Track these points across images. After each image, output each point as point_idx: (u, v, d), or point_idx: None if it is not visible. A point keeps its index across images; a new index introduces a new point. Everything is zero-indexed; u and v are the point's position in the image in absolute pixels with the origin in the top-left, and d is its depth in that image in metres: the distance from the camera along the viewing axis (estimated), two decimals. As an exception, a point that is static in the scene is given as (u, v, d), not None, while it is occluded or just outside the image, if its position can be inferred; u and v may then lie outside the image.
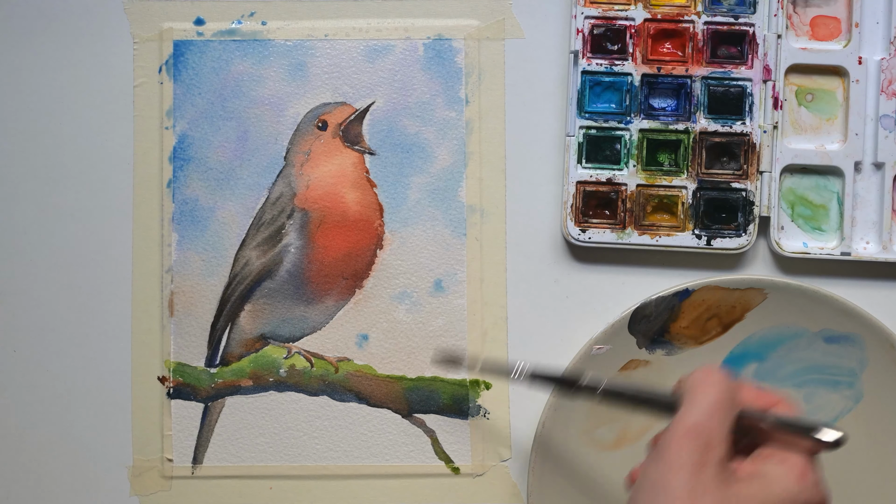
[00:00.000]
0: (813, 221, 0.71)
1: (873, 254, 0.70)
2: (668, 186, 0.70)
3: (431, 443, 0.71)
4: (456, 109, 0.71)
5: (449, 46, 0.71)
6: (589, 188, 0.70)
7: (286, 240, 0.71)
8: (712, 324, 0.69)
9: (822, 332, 0.69)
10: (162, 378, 0.72)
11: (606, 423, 0.70)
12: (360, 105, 0.71)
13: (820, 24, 0.71)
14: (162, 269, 0.72)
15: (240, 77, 0.72)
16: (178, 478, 0.72)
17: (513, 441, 0.71)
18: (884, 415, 0.69)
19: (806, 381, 0.69)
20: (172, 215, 0.72)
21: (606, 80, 0.70)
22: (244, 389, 0.72)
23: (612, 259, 0.71)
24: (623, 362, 0.69)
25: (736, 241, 0.70)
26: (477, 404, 0.71)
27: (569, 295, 0.71)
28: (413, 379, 0.71)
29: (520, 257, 0.71)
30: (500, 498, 0.71)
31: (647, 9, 0.70)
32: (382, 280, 0.71)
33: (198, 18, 0.72)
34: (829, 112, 0.71)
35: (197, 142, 0.72)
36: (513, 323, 0.71)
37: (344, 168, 0.71)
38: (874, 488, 0.69)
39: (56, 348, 0.72)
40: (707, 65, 0.70)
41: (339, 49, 0.72)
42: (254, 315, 0.71)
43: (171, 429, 0.72)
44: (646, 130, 0.70)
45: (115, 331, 0.72)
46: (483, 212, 0.71)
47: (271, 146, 0.72)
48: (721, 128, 0.70)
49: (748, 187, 0.70)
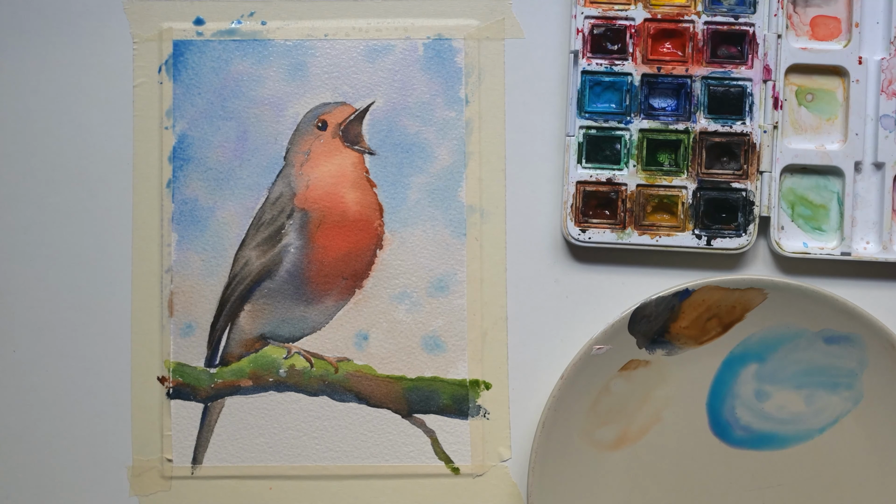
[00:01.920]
0: (813, 221, 0.71)
1: (873, 254, 0.70)
2: (668, 186, 0.70)
3: (431, 443, 0.71)
4: (456, 109, 0.71)
5: (449, 46, 0.71)
6: (589, 188, 0.70)
7: (286, 240, 0.71)
8: (712, 324, 0.69)
9: (823, 333, 0.69)
10: (161, 378, 0.72)
11: (606, 424, 0.70)
12: (360, 105, 0.71)
13: (820, 23, 0.71)
14: (161, 269, 0.72)
15: (239, 77, 0.72)
16: (178, 478, 0.72)
17: (513, 441, 0.71)
18: (884, 415, 0.69)
19: (806, 382, 0.69)
20: (172, 215, 0.72)
21: (606, 80, 0.70)
22: (244, 389, 0.72)
23: (612, 259, 0.71)
24: (623, 362, 0.69)
25: (736, 241, 0.69)
26: (477, 404, 0.71)
27: (569, 295, 0.71)
28: (413, 379, 0.71)
29: (520, 257, 0.71)
30: (500, 498, 0.71)
31: (647, 9, 0.70)
32: (382, 280, 0.71)
33: (197, 18, 0.72)
34: (829, 112, 0.71)
35: (196, 142, 0.72)
36: (513, 323, 0.71)
37: (344, 168, 0.71)
38: (874, 488, 0.69)
39: (56, 348, 0.72)
40: (707, 65, 0.70)
41: (338, 49, 0.72)
42: (253, 315, 0.71)
43: (171, 429, 0.72)
44: (646, 130, 0.70)
45: (114, 331, 0.72)
46: (483, 212, 0.71)
47: (271, 146, 0.72)
48: (721, 128, 0.70)
49: (748, 187, 0.69)
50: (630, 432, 0.70)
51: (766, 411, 0.70)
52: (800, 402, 0.70)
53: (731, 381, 0.70)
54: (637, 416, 0.70)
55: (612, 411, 0.70)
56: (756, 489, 0.70)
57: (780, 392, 0.70)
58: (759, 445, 0.70)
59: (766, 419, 0.70)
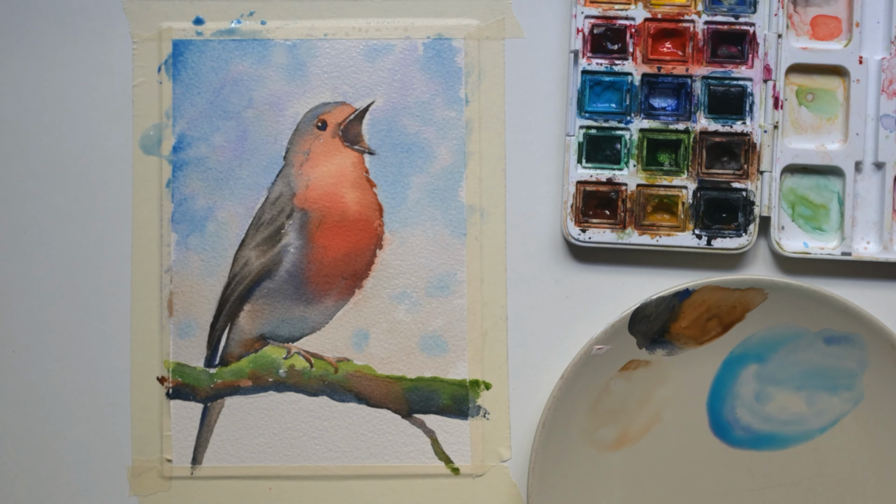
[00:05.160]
0: (813, 221, 0.71)
1: (874, 254, 0.70)
2: (669, 186, 0.70)
3: (431, 443, 0.71)
4: (456, 109, 0.71)
5: (449, 46, 0.71)
6: (589, 188, 0.70)
7: (286, 240, 0.71)
8: (712, 324, 0.69)
9: (823, 333, 0.69)
10: (161, 378, 0.72)
11: (606, 424, 0.70)
12: (360, 105, 0.71)
13: (820, 23, 0.71)
14: (161, 269, 0.72)
15: (239, 77, 0.72)
16: (178, 478, 0.72)
17: (513, 441, 0.71)
18: (884, 415, 0.69)
19: (806, 383, 0.69)
20: (172, 215, 0.72)
21: (606, 80, 0.70)
22: (243, 390, 0.72)
23: (612, 259, 0.71)
24: (623, 362, 0.69)
25: (736, 241, 0.69)
26: (477, 404, 0.71)
27: (569, 295, 0.71)
28: (413, 379, 0.71)
29: (520, 257, 0.71)
30: (500, 498, 0.71)
31: (648, 8, 0.70)
32: (382, 280, 0.71)
33: (197, 18, 0.72)
34: (829, 112, 0.71)
35: (196, 141, 0.72)
36: (513, 323, 0.71)
37: (343, 168, 0.71)
38: (874, 488, 0.69)
39: (55, 348, 0.72)
40: (707, 64, 0.70)
41: (338, 49, 0.72)
42: (253, 315, 0.71)
43: (171, 429, 0.72)
44: (646, 130, 0.70)
45: (114, 331, 0.72)
46: (483, 212, 0.71)
47: (271, 146, 0.72)
48: (721, 128, 0.70)
49: (748, 187, 0.69)
50: (630, 432, 0.70)
51: (766, 412, 0.70)
52: (800, 402, 0.69)
53: (732, 381, 0.70)
54: (637, 416, 0.70)
55: (613, 411, 0.70)
56: (756, 489, 0.70)
57: (781, 393, 0.69)
58: (759, 446, 0.70)
59: (767, 420, 0.70)
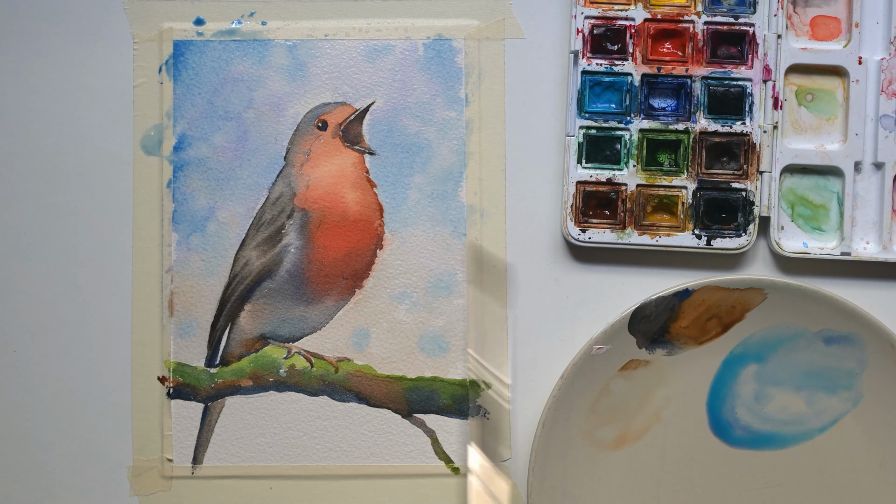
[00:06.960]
0: (813, 221, 0.71)
1: (873, 254, 0.70)
2: (668, 186, 0.70)
3: (431, 443, 0.71)
4: (456, 109, 0.71)
5: (449, 46, 0.71)
6: (589, 188, 0.70)
7: (286, 240, 0.71)
8: (712, 324, 0.69)
9: (822, 333, 0.69)
10: (162, 378, 0.72)
11: (606, 423, 0.70)
12: (360, 105, 0.71)
13: (820, 24, 0.71)
14: (162, 269, 0.72)
15: (240, 77, 0.72)
16: (178, 478, 0.72)
17: (513, 441, 0.71)
18: (884, 415, 0.69)
19: (806, 383, 0.69)
20: (172, 215, 0.72)
21: (606, 80, 0.70)
22: (244, 389, 0.72)
23: (612, 259, 0.71)
24: (623, 362, 0.69)
25: (736, 241, 0.69)
26: (477, 404, 0.71)
27: (569, 295, 0.71)
28: (413, 379, 0.71)
29: (520, 257, 0.71)
30: (500, 498, 0.71)
31: (647, 9, 0.70)
32: (382, 280, 0.71)
33: (198, 18, 0.72)
34: (829, 112, 0.71)
35: (197, 142, 0.72)
36: (513, 323, 0.71)
37: (344, 168, 0.71)
38: (874, 488, 0.69)
39: (56, 348, 0.72)
40: (707, 65, 0.70)
41: (339, 49, 0.72)
42: (254, 315, 0.71)
43: (171, 429, 0.72)
44: (646, 130, 0.70)
45: (115, 331, 0.72)
46: (483, 212, 0.71)
47: (271, 146, 0.72)
48: (721, 128, 0.70)
49: (748, 187, 0.70)
50: (630, 432, 0.70)
51: (766, 412, 0.70)
52: (800, 402, 0.70)
53: (731, 381, 0.70)
54: (637, 415, 0.70)
55: (613, 411, 0.70)
56: (756, 489, 0.70)
57: (781, 393, 0.70)
58: (759, 445, 0.70)
59: (767, 420, 0.70)
